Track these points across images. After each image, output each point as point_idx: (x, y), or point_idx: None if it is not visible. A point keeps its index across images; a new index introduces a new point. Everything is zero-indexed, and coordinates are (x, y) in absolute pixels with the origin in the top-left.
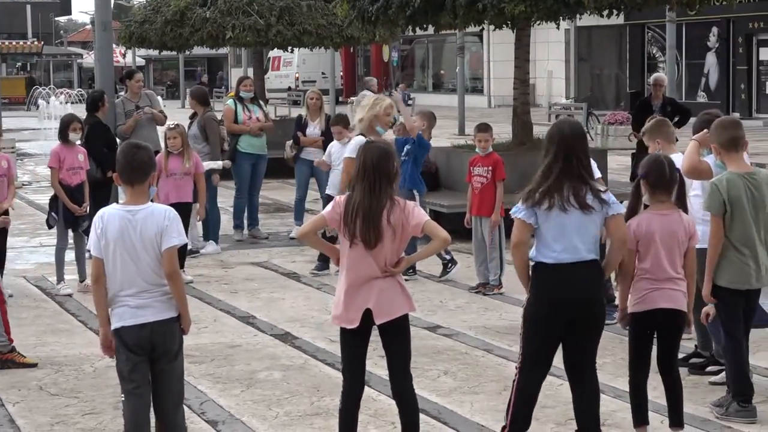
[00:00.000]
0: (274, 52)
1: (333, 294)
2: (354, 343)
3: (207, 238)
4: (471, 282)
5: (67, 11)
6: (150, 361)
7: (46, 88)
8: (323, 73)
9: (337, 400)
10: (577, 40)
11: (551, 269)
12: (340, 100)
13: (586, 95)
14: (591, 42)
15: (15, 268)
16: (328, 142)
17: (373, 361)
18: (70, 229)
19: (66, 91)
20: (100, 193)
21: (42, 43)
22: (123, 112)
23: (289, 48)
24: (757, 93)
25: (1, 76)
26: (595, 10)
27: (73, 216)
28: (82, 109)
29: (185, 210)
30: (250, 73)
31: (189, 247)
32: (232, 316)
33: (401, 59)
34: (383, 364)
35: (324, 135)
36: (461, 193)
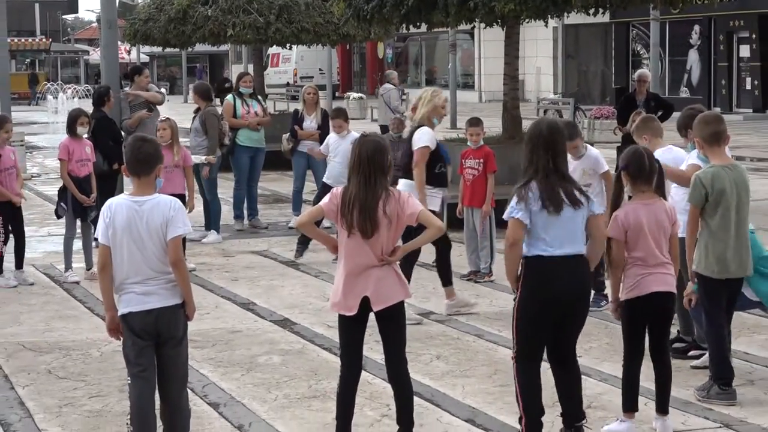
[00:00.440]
0: (273, 49)
1: (330, 281)
2: (352, 329)
3: (209, 228)
4: (463, 270)
5: (74, 9)
6: (156, 346)
7: (54, 83)
8: (320, 69)
9: (334, 384)
10: (565, 37)
11: (542, 264)
12: (337, 95)
13: (574, 91)
14: (578, 39)
15: (25, 256)
16: (324, 136)
17: (369, 346)
18: (78, 219)
19: (73, 87)
20: (106, 185)
21: (50, 40)
22: (128, 107)
23: (288, 45)
24: (737, 89)
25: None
26: (581, 8)
27: (82, 206)
28: (88, 103)
29: None
30: (251, 69)
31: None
32: (233, 303)
33: (395, 56)
34: (379, 349)
35: (320, 128)
36: (453, 185)
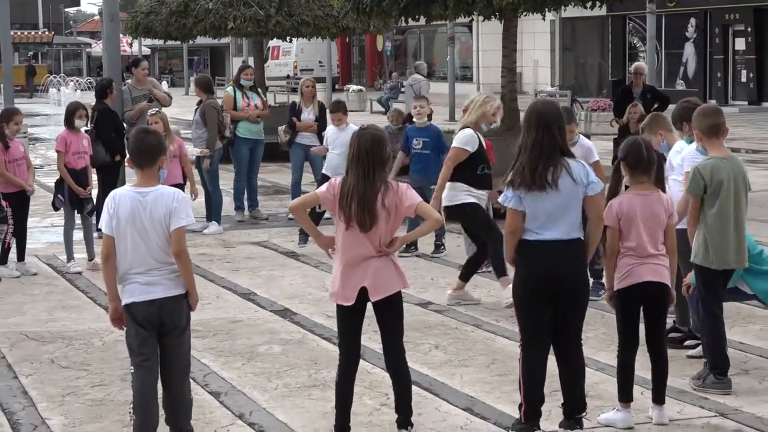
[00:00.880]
0: (274, 42)
1: (329, 272)
2: (350, 319)
3: (210, 219)
4: (461, 260)
5: (77, 2)
6: (159, 336)
7: (57, 76)
8: (320, 62)
9: (333, 373)
10: (562, 30)
11: (535, 247)
12: (336, 87)
13: (571, 83)
14: (575, 32)
15: (27, 247)
16: (321, 128)
17: (367, 336)
18: (75, 211)
19: (76, 79)
20: (108, 176)
21: (53, 33)
22: (129, 99)
23: (288, 38)
24: (732, 81)
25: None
26: (579, 1)
27: (78, 198)
28: (90, 96)
29: None
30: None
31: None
32: (233, 293)
33: (394, 49)
34: (377, 339)
35: (317, 120)
36: None
